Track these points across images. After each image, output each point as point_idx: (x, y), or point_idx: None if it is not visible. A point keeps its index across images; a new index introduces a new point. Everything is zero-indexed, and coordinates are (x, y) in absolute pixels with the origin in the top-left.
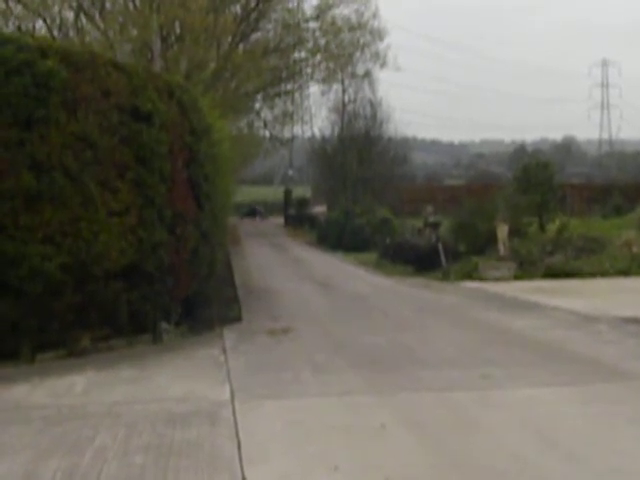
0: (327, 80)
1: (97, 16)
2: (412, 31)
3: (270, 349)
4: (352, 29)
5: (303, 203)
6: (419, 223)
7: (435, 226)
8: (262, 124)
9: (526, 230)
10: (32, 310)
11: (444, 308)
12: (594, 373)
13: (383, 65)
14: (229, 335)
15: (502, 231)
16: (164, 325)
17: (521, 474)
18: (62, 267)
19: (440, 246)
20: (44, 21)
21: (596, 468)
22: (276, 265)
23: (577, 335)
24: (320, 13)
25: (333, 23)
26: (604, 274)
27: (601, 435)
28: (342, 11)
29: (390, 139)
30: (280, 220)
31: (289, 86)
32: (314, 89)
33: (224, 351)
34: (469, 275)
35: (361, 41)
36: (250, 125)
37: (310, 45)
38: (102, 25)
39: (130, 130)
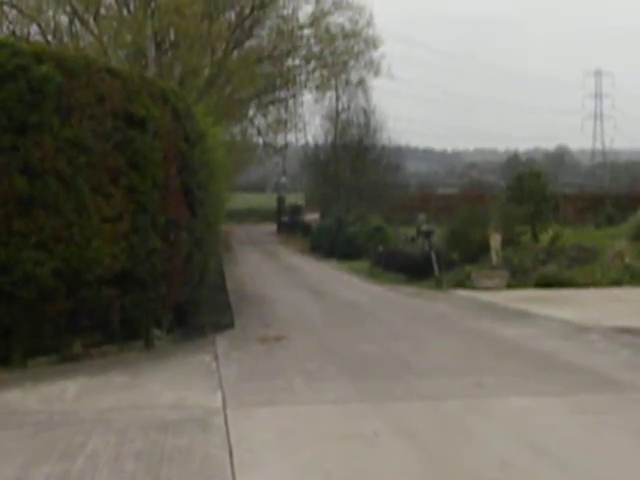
0: (321, 88)
1: (91, 21)
2: (407, 40)
3: (262, 356)
4: (346, 37)
5: (296, 210)
6: (412, 231)
7: (428, 234)
8: (256, 131)
9: (519, 239)
10: (24, 315)
11: (437, 317)
12: (586, 383)
13: (377, 73)
14: (221, 342)
15: (495, 240)
16: (156, 332)
17: None
18: (55, 273)
19: (433, 254)
20: (38, 26)
21: (588, 478)
22: (269, 273)
23: (569, 345)
24: (314, 21)
25: (327, 31)
26: (597, 284)
27: (593, 445)
28: (336, 19)
29: (383, 147)
30: (273, 227)
31: (283, 93)
32: (308, 97)
33: (216, 358)
34: (462, 284)
35: (355, 49)
36: (244, 132)
37: (304, 52)
38: (96, 30)
39: (124, 136)
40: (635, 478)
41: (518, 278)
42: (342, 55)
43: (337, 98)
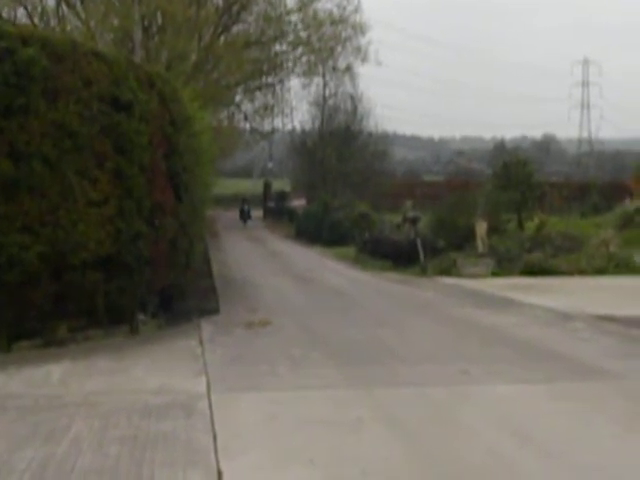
0: (308, 74)
1: (78, 5)
2: (394, 27)
3: (247, 342)
4: (334, 23)
5: (282, 196)
6: (398, 218)
7: (414, 221)
8: (242, 116)
9: (505, 227)
10: (9, 299)
11: (422, 304)
12: (570, 371)
13: (364, 60)
14: (206, 327)
15: (481, 228)
16: (141, 316)
17: (497, 469)
18: (40, 256)
19: (419, 241)
20: (25, 9)
21: (572, 464)
22: (254, 258)
23: (554, 333)
24: (302, 6)
25: (315, 16)
26: (581, 272)
27: (577, 432)
28: (324, 5)
29: (370, 134)
30: (259, 213)
31: (270, 79)
32: (295, 82)
33: (201, 343)
34: (447, 271)
35: (343, 35)
36: (230, 117)
37: (291, 38)
38: (83, 14)
39: (110, 120)
40: (617, 465)
41: (503, 266)
42: (329, 41)
43: (324, 84)
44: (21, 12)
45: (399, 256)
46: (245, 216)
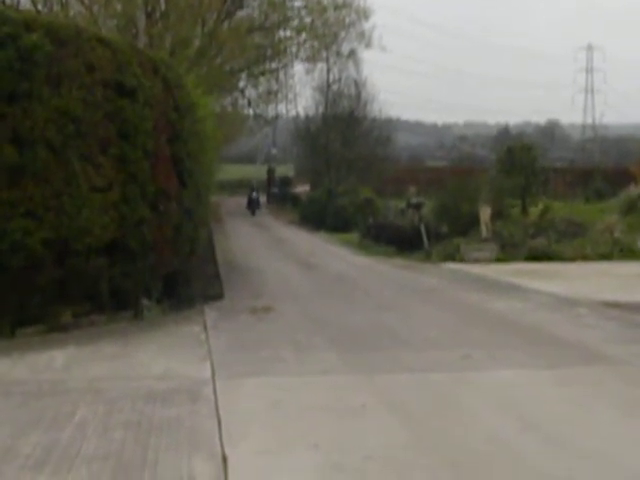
0: (312, 59)
1: None
2: (397, 12)
3: (251, 327)
4: (337, 8)
5: (286, 182)
6: (402, 204)
7: (418, 207)
8: (246, 102)
9: (509, 212)
10: (13, 285)
11: (426, 289)
12: (574, 356)
13: (368, 45)
14: (210, 313)
15: (485, 213)
16: (145, 302)
17: (500, 455)
18: (44, 242)
19: (422, 227)
20: None
21: (574, 450)
22: (258, 244)
23: (558, 318)
24: None
25: (319, 2)
26: (586, 258)
27: (580, 418)
28: None
29: (374, 119)
30: (262, 199)
31: (274, 64)
32: (299, 68)
33: (205, 329)
34: (451, 256)
35: (346, 20)
36: (234, 103)
37: (295, 23)
38: (87, 0)
39: (114, 105)
40: (619, 450)
41: (507, 251)
42: (333, 26)
43: (328, 70)
44: None
45: (403, 242)
46: (254, 205)
